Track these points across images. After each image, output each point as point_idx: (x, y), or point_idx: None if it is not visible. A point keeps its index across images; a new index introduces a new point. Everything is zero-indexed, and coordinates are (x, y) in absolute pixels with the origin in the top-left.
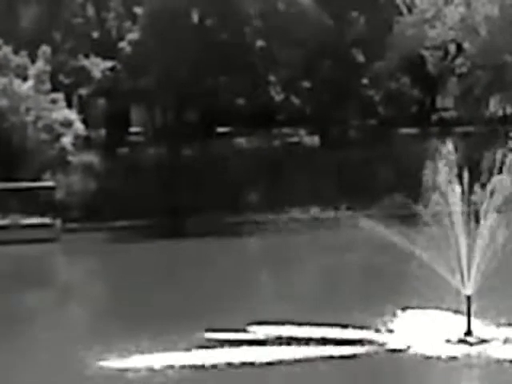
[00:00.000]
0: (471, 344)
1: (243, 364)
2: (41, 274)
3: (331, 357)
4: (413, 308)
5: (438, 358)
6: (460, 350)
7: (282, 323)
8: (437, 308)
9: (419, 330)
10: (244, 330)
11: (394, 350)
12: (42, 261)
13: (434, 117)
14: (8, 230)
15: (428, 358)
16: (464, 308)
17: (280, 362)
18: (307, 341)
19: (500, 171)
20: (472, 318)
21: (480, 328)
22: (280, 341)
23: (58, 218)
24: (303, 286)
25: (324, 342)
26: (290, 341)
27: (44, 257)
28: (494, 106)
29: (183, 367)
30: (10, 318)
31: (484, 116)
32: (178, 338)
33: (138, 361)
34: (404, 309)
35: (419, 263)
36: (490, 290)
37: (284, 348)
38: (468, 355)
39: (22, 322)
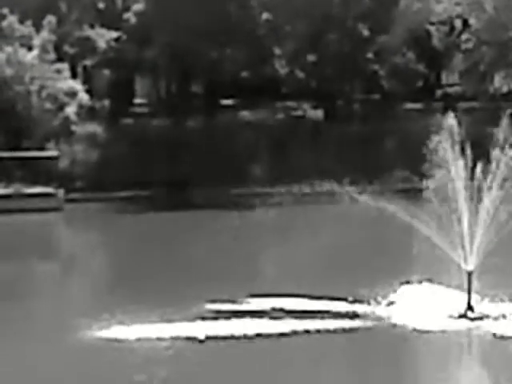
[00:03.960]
0: (472, 319)
1: (243, 336)
2: (43, 244)
3: (330, 330)
4: (414, 282)
5: (439, 332)
6: (460, 325)
7: (282, 295)
8: (438, 283)
9: (420, 305)
10: (244, 302)
11: (394, 324)
12: (44, 230)
13: (439, 92)
14: (11, 199)
15: (428, 332)
16: (465, 283)
17: (279, 335)
18: (307, 313)
19: (503, 147)
20: (473, 294)
21: (481, 303)
22: (279, 313)
23: (61, 187)
24: (304, 259)
25: (323, 315)
26: (289, 313)
27: (46, 226)
28: (499, 82)
29: (183, 338)
30: (11, 287)
31: (488, 92)
32: (178, 309)
33: (137, 331)
34: (405, 283)
35: (421, 238)
36: (491, 266)
37: (283, 320)
38: (468, 330)
39: (23, 291)
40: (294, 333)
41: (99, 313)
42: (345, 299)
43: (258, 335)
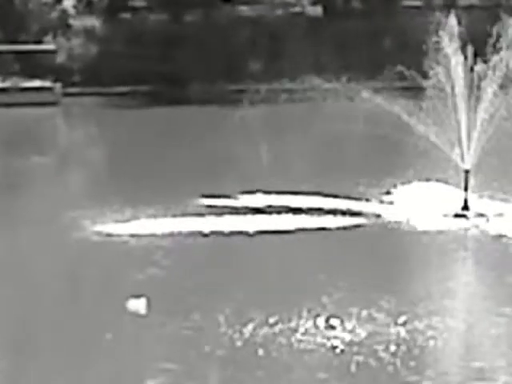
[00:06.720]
0: (468, 218)
1: (236, 232)
2: (40, 138)
3: (326, 228)
4: (411, 181)
5: (434, 230)
6: (456, 224)
7: (276, 192)
8: (435, 181)
9: (417, 203)
10: (238, 198)
11: (390, 222)
12: (41, 124)
13: None
14: (8, 92)
15: (424, 230)
16: (462, 182)
17: (274, 232)
18: (303, 210)
19: (503, 46)
20: (470, 193)
21: (477, 202)
22: (275, 209)
23: (59, 81)
24: (300, 156)
25: (320, 212)
26: (286, 210)
27: (43, 120)
28: None
29: (177, 233)
30: (6, 181)
31: None
32: (173, 204)
33: (134, 226)
34: (402, 181)
35: (419, 136)
36: (488, 165)
37: (279, 217)
38: (464, 229)
39: (18, 185)
40: (289, 230)
41: (94, 207)
42: (342, 196)
43: (252, 232)
